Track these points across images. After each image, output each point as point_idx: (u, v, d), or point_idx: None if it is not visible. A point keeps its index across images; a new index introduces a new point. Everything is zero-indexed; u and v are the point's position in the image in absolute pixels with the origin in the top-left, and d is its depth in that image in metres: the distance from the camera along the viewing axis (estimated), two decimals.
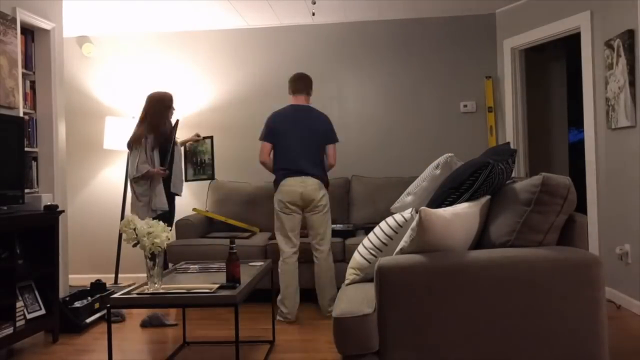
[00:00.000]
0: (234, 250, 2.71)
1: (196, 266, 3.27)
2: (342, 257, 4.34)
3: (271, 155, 4.06)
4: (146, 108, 4.32)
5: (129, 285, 4.69)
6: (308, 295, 4.40)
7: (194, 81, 5.50)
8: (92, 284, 4.30)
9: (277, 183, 3.99)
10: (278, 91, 5.45)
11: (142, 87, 5.53)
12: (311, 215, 3.96)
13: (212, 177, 4.79)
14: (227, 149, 5.45)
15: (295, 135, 3.97)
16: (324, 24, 5.41)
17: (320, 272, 3.98)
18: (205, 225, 4.87)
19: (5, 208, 3.41)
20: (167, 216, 4.25)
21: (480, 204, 2.26)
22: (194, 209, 4.92)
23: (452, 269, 2.05)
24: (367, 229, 4.56)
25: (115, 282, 5.09)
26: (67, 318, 3.74)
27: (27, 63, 4.03)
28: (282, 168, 3.96)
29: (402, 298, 2.05)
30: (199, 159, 4.79)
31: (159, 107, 4.31)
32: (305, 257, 4.17)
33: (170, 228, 2.79)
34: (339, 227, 4.60)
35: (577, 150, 5.80)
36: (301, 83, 4.21)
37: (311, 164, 3.95)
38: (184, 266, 3.29)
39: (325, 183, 4.04)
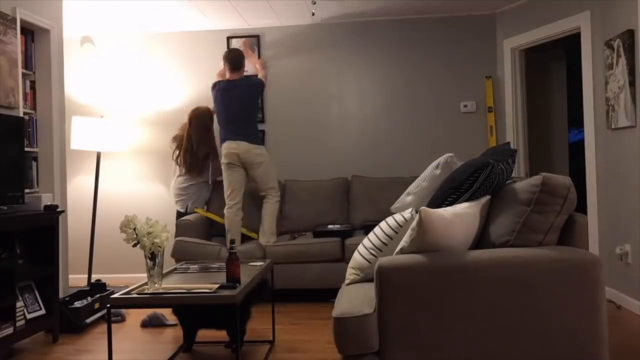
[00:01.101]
0: (234, 250, 2.71)
1: (196, 266, 3.27)
2: (341, 256, 4.34)
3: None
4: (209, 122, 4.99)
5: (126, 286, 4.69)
6: (308, 295, 4.40)
7: (194, 81, 5.50)
8: (92, 284, 4.30)
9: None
10: (279, 91, 5.46)
11: (141, 87, 5.54)
12: (253, 173, 4.56)
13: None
14: None
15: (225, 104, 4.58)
16: (324, 24, 5.41)
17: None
18: (205, 226, 4.85)
19: (5, 208, 3.41)
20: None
21: (480, 204, 2.26)
22: (195, 209, 4.92)
23: (452, 269, 2.05)
24: (367, 228, 4.55)
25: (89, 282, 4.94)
26: (67, 318, 3.74)
27: (27, 63, 4.02)
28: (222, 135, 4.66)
29: (402, 298, 2.05)
30: None
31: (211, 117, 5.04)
32: (307, 256, 4.34)
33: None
34: (337, 227, 4.61)
35: (577, 150, 5.80)
36: (232, 61, 4.68)
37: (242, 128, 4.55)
38: (184, 266, 3.29)
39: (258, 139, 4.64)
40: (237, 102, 4.55)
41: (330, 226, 4.65)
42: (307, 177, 5.34)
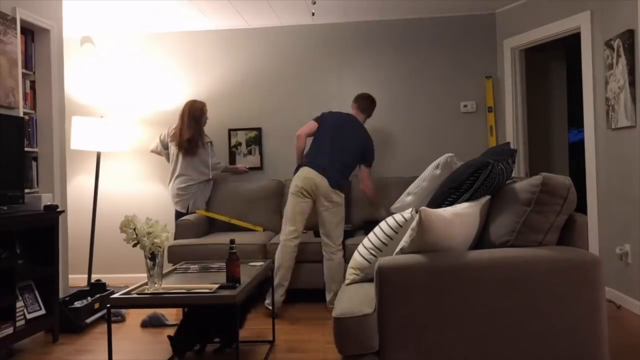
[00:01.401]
0: (234, 250, 2.71)
1: (196, 266, 3.27)
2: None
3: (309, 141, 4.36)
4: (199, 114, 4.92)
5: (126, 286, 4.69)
6: (308, 295, 4.40)
7: (194, 81, 5.50)
8: (92, 284, 4.30)
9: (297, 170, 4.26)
10: (279, 91, 5.46)
11: (141, 87, 5.54)
12: (322, 211, 4.11)
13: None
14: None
15: (335, 136, 4.20)
16: (324, 24, 5.41)
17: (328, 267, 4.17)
18: (205, 225, 4.86)
19: (5, 208, 3.41)
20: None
21: (480, 204, 2.26)
22: (196, 211, 4.91)
23: (452, 269, 2.05)
24: (367, 226, 4.55)
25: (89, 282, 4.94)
26: (67, 318, 3.74)
27: (27, 63, 4.02)
28: (308, 159, 4.21)
29: (402, 298, 2.05)
30: None
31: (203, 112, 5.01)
32: (307, 256, 4.30)
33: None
34: None
35: (577, 150, 5.80)
36: (364, 102, 4.56)
37: (335, 171, 4.13)
38: (184, 266, 3.29)
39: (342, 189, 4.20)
40: (347, 140, 4.19)
41: None
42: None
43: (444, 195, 2.38)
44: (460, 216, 2.15)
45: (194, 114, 4.90)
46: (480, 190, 2.30)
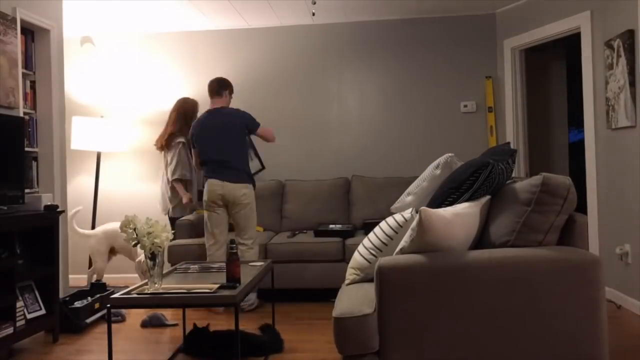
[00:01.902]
0: (234, 250, 2.70)
1: (196, 266, 3.27)
2: (341, 257, 4.36)
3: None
4: (183, 110, 4.87)
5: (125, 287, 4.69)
6: (308, 295, 4.40)
7: (194, 81, 5.50)
8: (92, 284, 4.30)
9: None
10: (279, 91, 5.46)
11: (141, 87, 5.54)
12: (235, 214, 4.20)
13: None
14: None
15: (211, 138, 4.19)
16: (324, 24, 5.41)
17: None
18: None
19: (5, 208, 3.40)
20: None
21: (480, 204, 2.26)
22: (197, 210, 4.87)
23: (452, 269, 2.05)
24: (367, 226, 4.55)
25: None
26: (67, 318, 3.74)
27: (27, 63, 4.02)
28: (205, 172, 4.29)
29: (402, 298, 2.05)
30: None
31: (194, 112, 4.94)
32: (307, 256, 4.34)
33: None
34: (338, 227, 4.60)
35: (577, 150, 5.79)
36: (209, 87, 4.35)
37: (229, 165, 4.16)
38: (184, 266, 3.29)
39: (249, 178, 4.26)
40: (220, 134, 4.16)
41: (331, 226, 4.65)
42: (308, 177, 5.35)
43: (444, 195, 2.38)
44: (461, 216, 2.15)
45: (184, 111, 4.88)
46: (480, 190, 2.30)
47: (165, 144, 4.81)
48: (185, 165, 4.74)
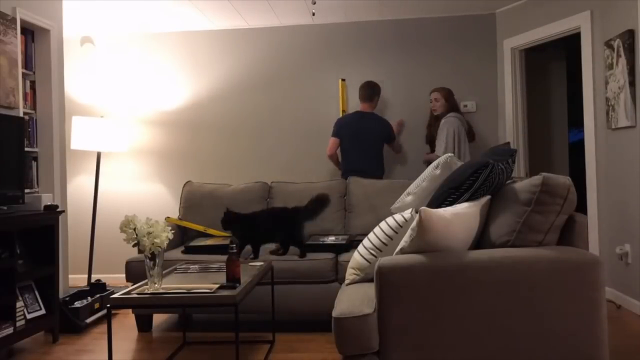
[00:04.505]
0: (234, 250, 2.70)
1: (196, 266, 3.27)
2: (334, 276, 3.62)
3: (338, 151, 4.94)
4: (451, 99, 4.95)
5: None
6: (293, 324, 4.26)
7: (194, 81, 5.50)
8: (92, 284, 4.30)
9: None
10: (279, 91, 5.46)
11: (141, 87, 5.54)
12: None
13: None
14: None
15: (356, 140, 4.80)
16: (324, 24, 5.41)
17: None
18: (178, 236, 4.14)
19: (5, 208, 3.40)
20: None
21: (480, 204, 2.26)
22: (166, 218, 4.21)
23: (452, 269, 2.05)
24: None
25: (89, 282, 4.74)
26: (67, 318, 3.74)
27: (27, 63, 4.02)
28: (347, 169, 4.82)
29: (402, 298, 2.05)
30: None
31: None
32: (288, 277, 3.66)
33: None
34: (330, 239, 3.87)
35: (577, 150, 5.79)
36: (365, 90, 4.97)
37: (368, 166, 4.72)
38: (183, 266, 3.29)
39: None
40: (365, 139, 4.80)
41: (322, 239, 3.91)
42: (307, 179, 5.25)
43: (444, 195, 2.38)
44: (460, 216, 2.15)
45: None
46: (480, 190, 2.30)
47: None
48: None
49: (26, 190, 3.78)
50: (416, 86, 5.35)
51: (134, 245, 2.62)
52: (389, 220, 2.60)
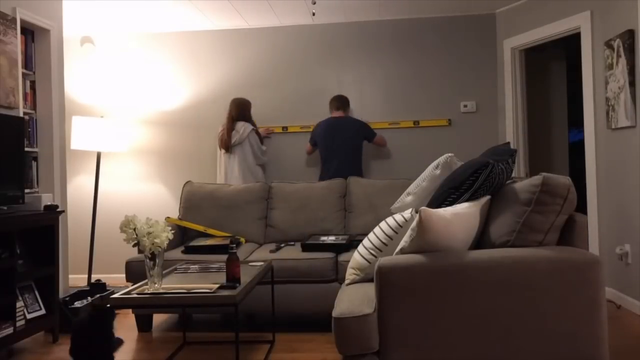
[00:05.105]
0: (234, 250, 2.70)
1: (196, 266, 3.27)
2: (334, 276, 3.62)
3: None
4: (241, 109, 5.01)
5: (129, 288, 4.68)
6: (290, 324, 4.27)
7: (195, 81, 5.50)
8: (92, 284, 4.29)
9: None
10: (279, 91, 5.46)
11: (141, 87, 5.54)
12: None
13: None
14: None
15: (331, 143, 4.88)
16: (324, 24, 5.41)
17: None
18: (178, 236, 4.17)
19: (5, 208, 3.41)
20: None
21: (480, 204, 2.26)
22: (167, 218, 4.24)
23: (452, 269, 2.05)
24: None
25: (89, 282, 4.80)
26: (67, 318, 3.74)
27: (27, 63, 4.02)
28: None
29: (402, 298, 2.05)
30: None
31: (249, 107, 5.10)
32: (291, 275, 3.65)
33: None
34: (330, 239, 3.83)
35: (577, 150, 5.80)
36: (337, 102, 5.07)
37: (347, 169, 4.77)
38: (183, 266, 3.29)
39: None
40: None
41: (323, 238, 3.88)
42: (307, 179, 5.28)
43: (444, 195, 2.38)
44: (460, 216, 2.15)
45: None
46: (480, 190, 2.30)
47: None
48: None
49: (26, 190, 3.78)
50: (416, 86, 5.35)
51: (134, 245, 2.62)
52: (389, 220, 2.60)
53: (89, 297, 4.05)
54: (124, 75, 5.54)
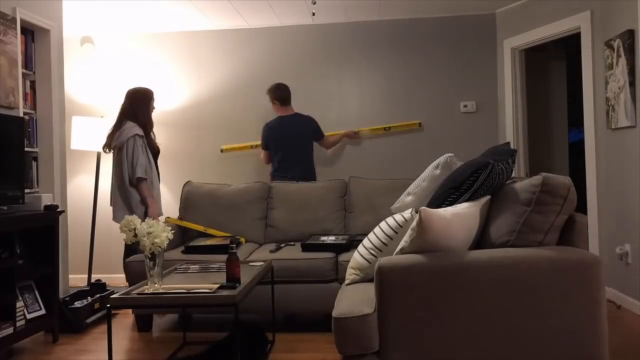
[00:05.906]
0: (234, 250, 2.70)
1: (196, 266, 3.27)
2: (334, 276, 3.61)
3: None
4: (134, 104, 4.24)
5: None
6: (290, 325, 4.27)
7: (195, 81, 5.50)
8: (92, 284, 4.30)
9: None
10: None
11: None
12: None
13: None
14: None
15: (284, 144, 4.78)
16: (324, 24, 5.41)
17: None
18: (178, 236, 4.15)
19: (5, 208, 3.41)
20: None
21: (480, 204, 2.26)
22: (166, 218, 4.30)
23: (452, 269, 2.05)
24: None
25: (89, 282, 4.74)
26: (67, 318, 3.74)
27: (27, 63, 4.02)
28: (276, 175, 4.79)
29: (402, 298, 2.05)
30: None
31: (147, 104, 4.29)
32: (290, 275, 3.65)
33: None
34: (330, 239, 3.84)
35: (577, 150, 5.79)
36: (281, 93, 4.93)
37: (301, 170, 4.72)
38: (183, 266, 3.29)
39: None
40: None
41: (323, 238, 3.88)
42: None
43: (444, 195, 2.38)
44: (460, 216, 2.15)
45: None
46: (480, 190, 2.30)
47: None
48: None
49: (26, 190, 3.78)
50: (416, 86, 5.35)
51: (131, 245, 2.62)
52: (389, 220, 2.60)
53: (89, 297, 4.05)
54: (124, 75, 5.54)
